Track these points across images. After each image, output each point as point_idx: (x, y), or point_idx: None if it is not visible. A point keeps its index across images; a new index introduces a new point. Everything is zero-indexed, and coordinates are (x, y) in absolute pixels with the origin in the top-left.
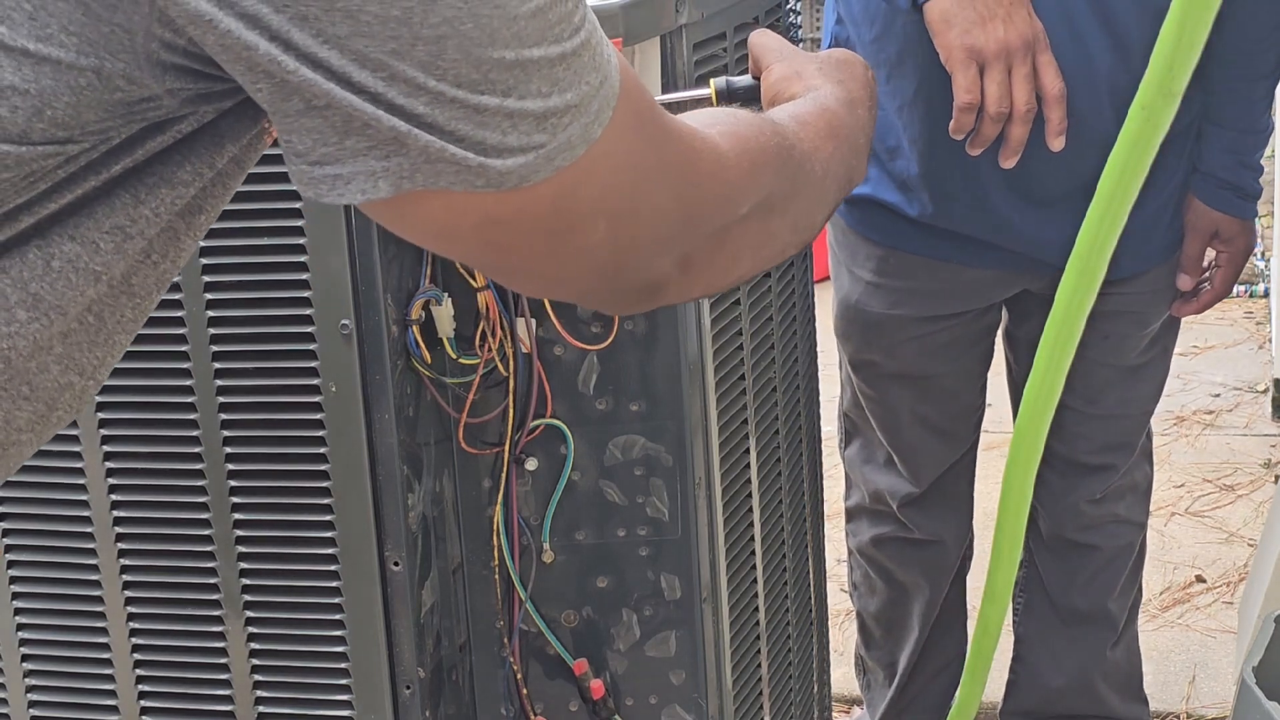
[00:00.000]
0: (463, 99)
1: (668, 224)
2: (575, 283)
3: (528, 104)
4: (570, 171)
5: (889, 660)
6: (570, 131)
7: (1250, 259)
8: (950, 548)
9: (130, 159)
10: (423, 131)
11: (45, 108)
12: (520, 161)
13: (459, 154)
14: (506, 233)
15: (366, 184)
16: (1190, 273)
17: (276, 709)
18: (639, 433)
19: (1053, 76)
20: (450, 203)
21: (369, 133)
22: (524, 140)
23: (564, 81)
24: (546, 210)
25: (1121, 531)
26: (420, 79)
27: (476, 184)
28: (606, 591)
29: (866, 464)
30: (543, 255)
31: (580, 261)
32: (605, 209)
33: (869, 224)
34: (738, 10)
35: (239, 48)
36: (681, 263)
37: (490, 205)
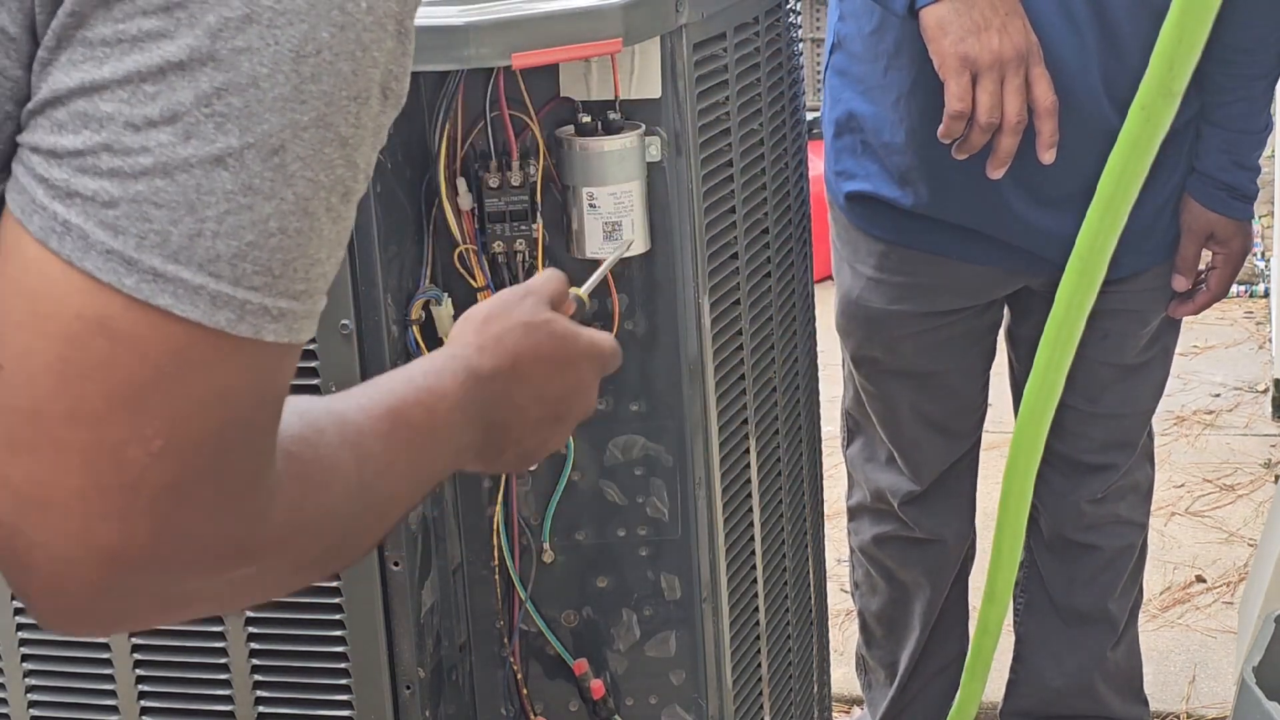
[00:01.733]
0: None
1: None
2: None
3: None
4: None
5: (890, 660)
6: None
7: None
8: (951, 547)
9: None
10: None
11: None
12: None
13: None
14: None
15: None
16: (1185, 274)
17: (276, 709)
18: (639, 433)
19: (1045, 89)
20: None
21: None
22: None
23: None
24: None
25: (1122, 532)
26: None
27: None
28: (606, 591)
29: (868, 462)
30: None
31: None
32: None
33: (870, 219)
34: (738, 10)
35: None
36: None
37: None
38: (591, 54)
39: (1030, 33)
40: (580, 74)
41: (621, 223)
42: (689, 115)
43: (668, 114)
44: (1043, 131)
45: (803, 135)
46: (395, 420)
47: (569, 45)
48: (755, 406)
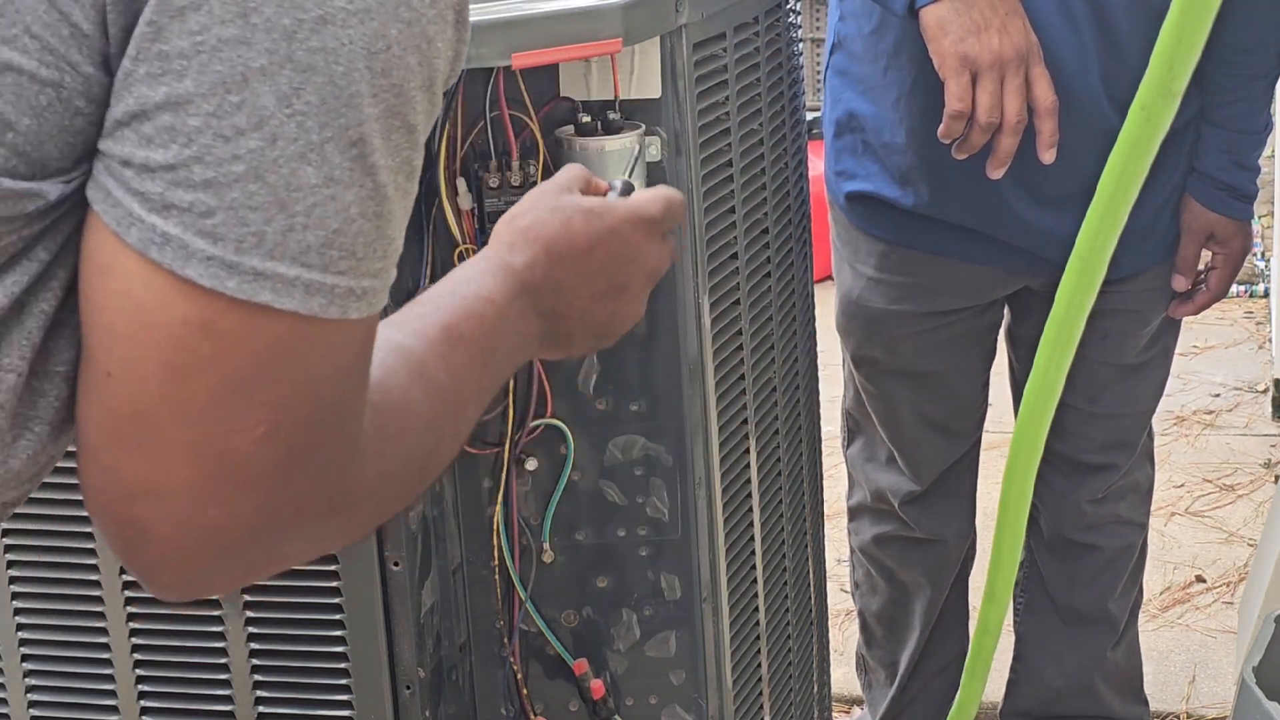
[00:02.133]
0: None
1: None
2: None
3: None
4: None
5: (890, 660)
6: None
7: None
8: (952, 547)
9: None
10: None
11: (6, 130)
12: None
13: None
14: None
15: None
16: (1185, 274)
17: (276, 709)
18: (639, 433)
19: (1045, 89)
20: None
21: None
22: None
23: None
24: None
25: (1123, 532)
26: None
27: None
28: (606, 591)
29: (869, 462)
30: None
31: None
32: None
33: (870, 219)
34: (738, 10)
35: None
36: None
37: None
38: (591, 54)
39: (1030, 32)
40: (580, 74)
41: None
42: (689, 115)
43: (667, 114)
44: (1043, 131)
45: (803, 135)
46: (451, 338)
47: (569, 45)
48: (755, 406)
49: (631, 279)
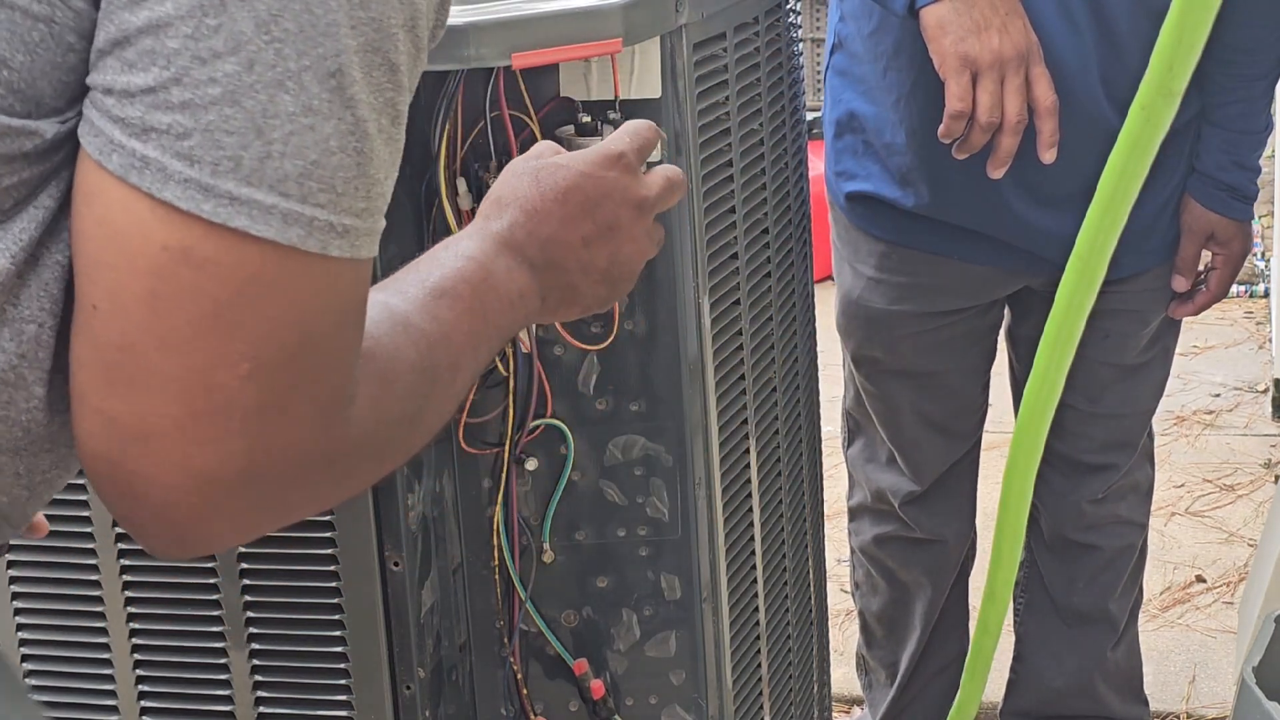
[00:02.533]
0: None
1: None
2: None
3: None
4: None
5: (890, 660)
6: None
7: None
8: (952, 547)
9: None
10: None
11: (1, 67)
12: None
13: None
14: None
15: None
16: (1185, 274)
17: (276, 709)
18: (639, 433)
19: (1045, 88)
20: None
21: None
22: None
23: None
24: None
25: (1123, 532)
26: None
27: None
28: (606, 591)
29: (869, 463)
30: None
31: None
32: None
33: (870, 219)
34: (738, 10)
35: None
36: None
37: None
38: (591, 54)
39: (1030, 32)
40: (580, 74)
41: None
42: (689, 115)
43: (668, 114)
44: (1043, 131)
45: (803, 135)
46: (435, 294)
47: (569, 45)
48: (755, 406)
49: (617, 215)
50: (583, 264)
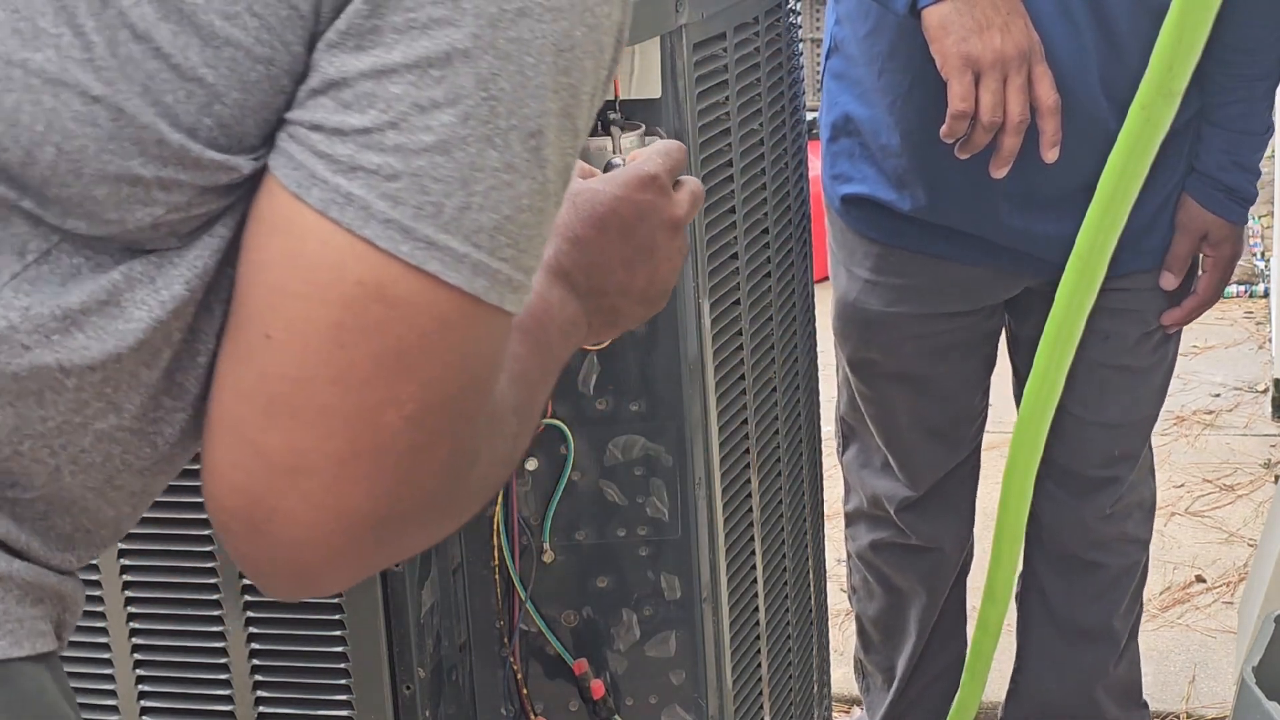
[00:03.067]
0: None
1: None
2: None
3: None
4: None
5: (887, 665)
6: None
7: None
8: (949, 554)
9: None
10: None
11: (215, 101)
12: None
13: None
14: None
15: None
16: (1175, 272)
17: (276, 709)
18: (639, 433)
19: (1048, 88)
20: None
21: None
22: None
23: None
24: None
25: (1128, 550)
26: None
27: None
28: (606, 591)
29: (864, 468)
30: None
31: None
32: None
33: (866, 222)
34: (738, 10)
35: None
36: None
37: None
38: None
39: (1032, 31)
40: None
41: None
42: (689, 115)
43: (668, 114)
44: (1046, 130)
45: (803, 135)
46: (518, 332)
47: None
48: (755, 406)
49: (654, 237)
50: (623, 286)
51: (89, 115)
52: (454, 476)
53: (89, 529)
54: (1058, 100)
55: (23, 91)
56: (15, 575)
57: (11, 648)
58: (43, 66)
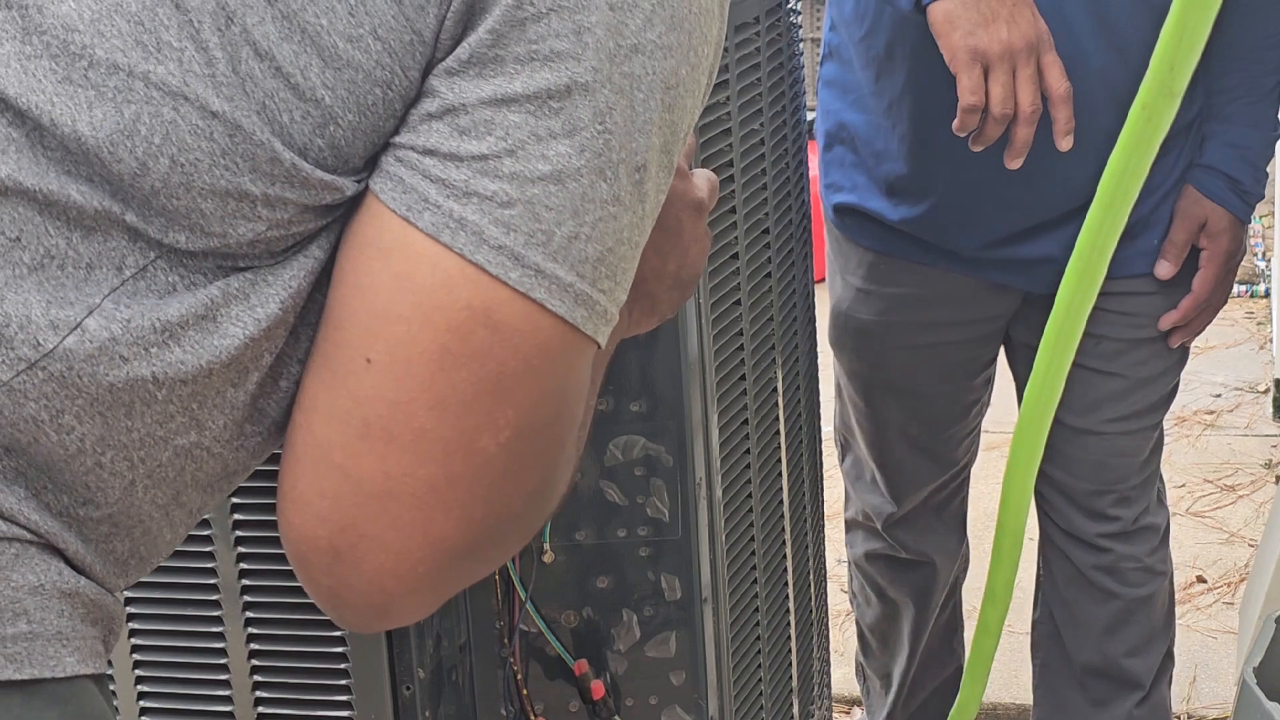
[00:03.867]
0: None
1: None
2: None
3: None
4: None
5: (885, 671)
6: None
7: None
8: (940, 568)
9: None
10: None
11: (330, 123)
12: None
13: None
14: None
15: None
16: (1170, 260)
17: (276, 709)
18: (639, 433)
19: (1058, 77)
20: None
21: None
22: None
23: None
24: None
25: (1140, 579)
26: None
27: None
28: (606, 592)
29: (858, 480)
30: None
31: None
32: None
33: (859, 230)
34: (738, 10)
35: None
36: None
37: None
38: None
39: (1039, 21)
40: None
41: None
42: None
43: None
44: (1058, 119)
45: (803, 135)
46: None
47: None
48: (755, 407)
49: (680, 219)
50: (656, 272)
51: (206, 129)
52: (540, 504)
53: (142, 555)
54: (1068, 88)
55: (143, 103)
56: (82, 593)
57: (80, 665)
58: (165, 79)
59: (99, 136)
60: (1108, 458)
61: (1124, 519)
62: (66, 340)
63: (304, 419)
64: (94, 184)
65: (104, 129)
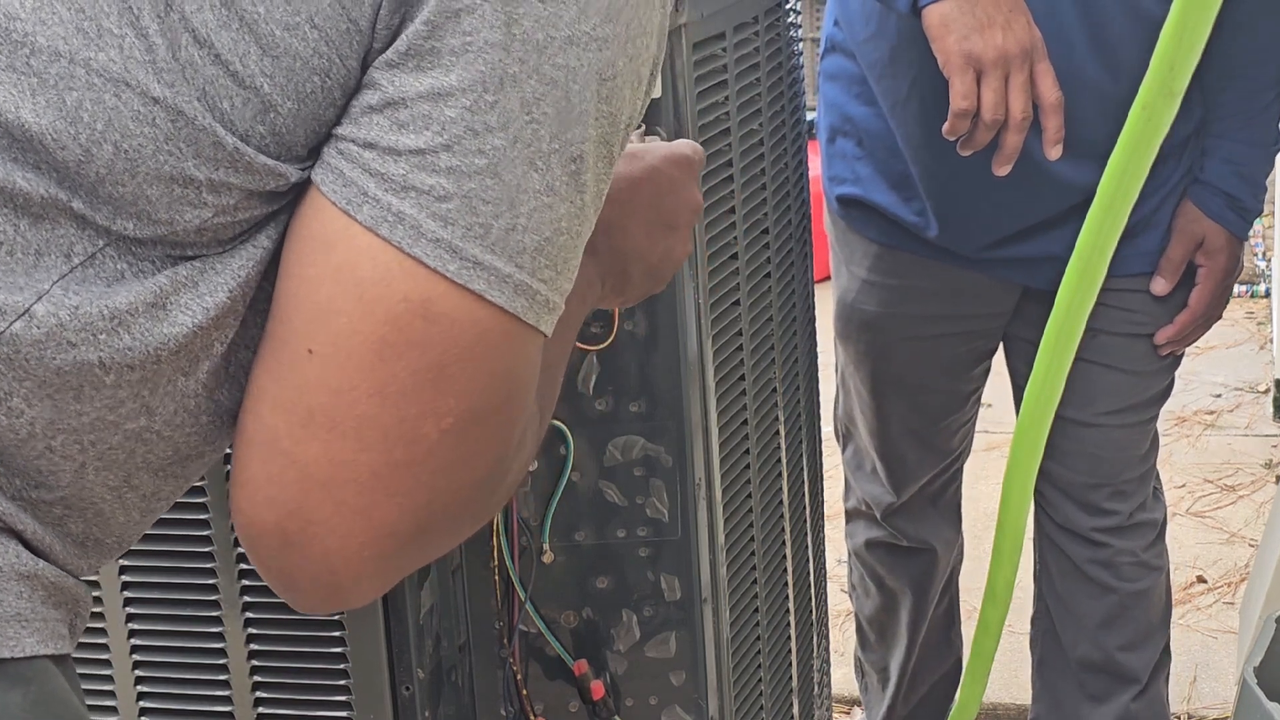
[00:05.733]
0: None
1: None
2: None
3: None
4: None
5: (882, 665)
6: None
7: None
8: (939, 556)
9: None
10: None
11: (270, 110)
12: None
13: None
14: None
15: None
16: (1167, 276)
17: (276, 709)
18: (639, 433)
19: (1050, 85)
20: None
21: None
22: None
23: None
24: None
25: (1135, 574)
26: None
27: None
28: (606, 592)
29: (858, 470)
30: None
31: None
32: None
33: (863, 222)
34: (738, 10)
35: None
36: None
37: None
38: None
39: (1034, 29)
40: None
41: None
42: (689, 115)
43: (667, 114)
44: (1049, 127)
45: (803, 135)
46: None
47: None
48: (755, 407)
49: (678, 215)
50: (640, 252)
51: (148, 115)
52: (486, 490)
53: (98, 537)
54: (1060, 97)
55: (85, 90)
56: (41, 575)
57: (40, 645)
58: (106, 66)
59: (42, 124)
60: (1103, 451)
61: (1120, 513)
62: (14, 325)
63: (253, 406)
64: (40, 171)
65: (47, 116)
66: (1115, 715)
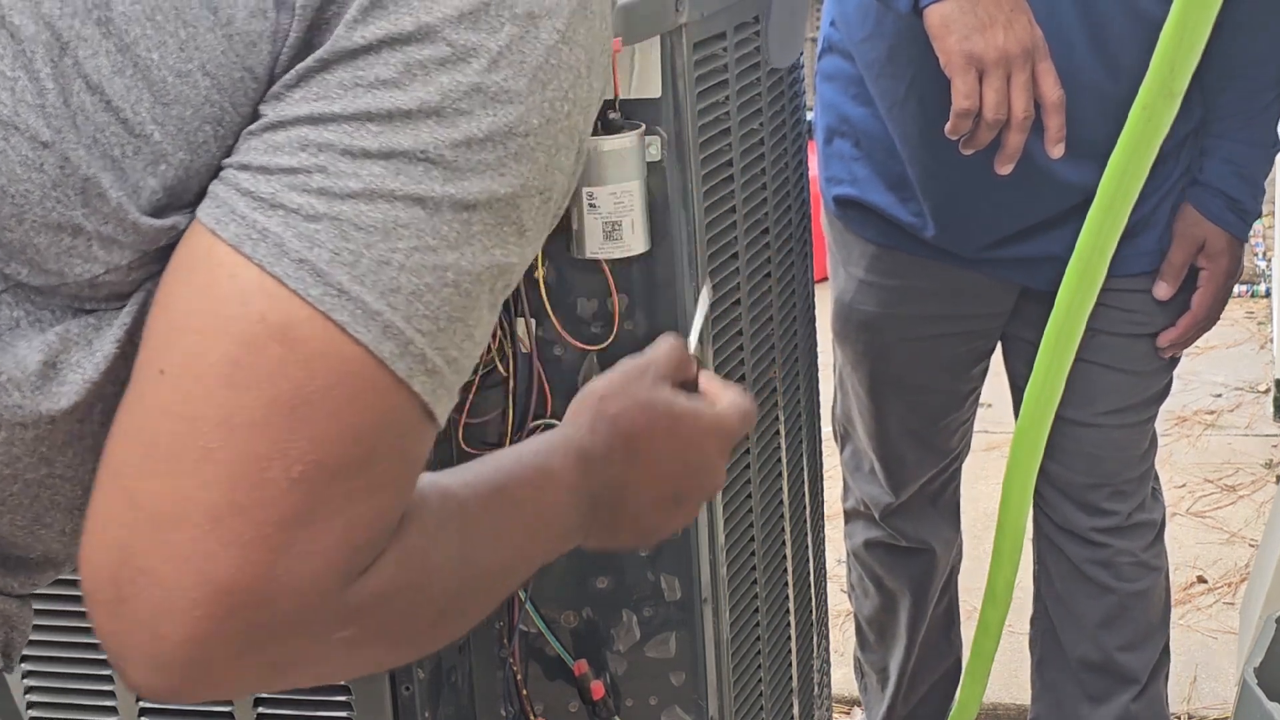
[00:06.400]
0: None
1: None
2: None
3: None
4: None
5: (881, 665)
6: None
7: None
8: (939, 557)
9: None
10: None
11: (161, 160)
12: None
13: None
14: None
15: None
16: (1169, 281)
17: (276, 709)
18: None
19: (1052, 84)
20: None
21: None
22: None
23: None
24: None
25: (1134, 574)
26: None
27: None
28: (606, 592)
29: (856, 471)
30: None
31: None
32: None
33: (861, 222)
34: (738, 10)
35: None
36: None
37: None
38: None
39: (1035, 28)
40: None
41: (621, 222)
42: (689, 115)
43: (667, 114)
44: (1050, 126)
45: (803, 135)
46: (502, 497)
47: None
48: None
49: (693, 493)
50: (638, 519)
51: (36, 160)
52: (340, 575)
53: (20, 557)
54: (1062, 96)
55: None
56: None
57: None
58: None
59: None
60: (1103, 451)
61: (1119, 513)
62: None
63: (109, 438)
64: None
65: None
66: (1115, 715)
